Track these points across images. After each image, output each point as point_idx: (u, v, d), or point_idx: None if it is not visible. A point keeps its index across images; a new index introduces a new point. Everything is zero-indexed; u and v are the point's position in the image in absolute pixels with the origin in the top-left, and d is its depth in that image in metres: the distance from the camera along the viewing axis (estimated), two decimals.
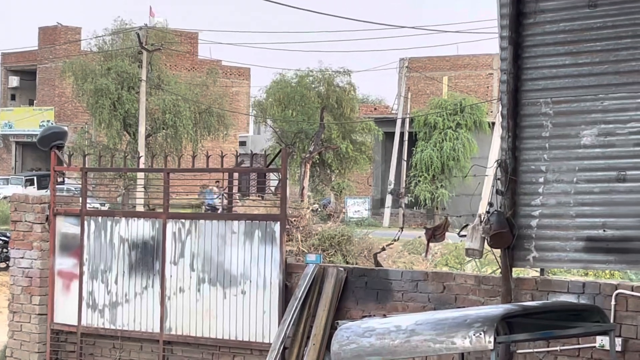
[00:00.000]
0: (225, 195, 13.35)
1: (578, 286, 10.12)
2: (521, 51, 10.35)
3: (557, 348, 10.06)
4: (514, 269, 10.47)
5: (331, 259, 21.89)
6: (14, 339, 14.13)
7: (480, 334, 7.16)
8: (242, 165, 14.76)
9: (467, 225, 10.54)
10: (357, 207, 48.97)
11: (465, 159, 47.02)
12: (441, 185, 47.31)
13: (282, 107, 46.70)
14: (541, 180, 10.20)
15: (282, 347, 11.92)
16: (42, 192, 13.91)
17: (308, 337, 11.93)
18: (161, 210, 13.36)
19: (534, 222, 10.20)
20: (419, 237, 24.27)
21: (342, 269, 12.11)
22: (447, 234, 11.78)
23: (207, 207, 30.04)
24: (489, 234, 10.21)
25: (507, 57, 10.35)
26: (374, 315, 11.04)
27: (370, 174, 53.55)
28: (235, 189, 18.60)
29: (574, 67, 10.05)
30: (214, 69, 52.63)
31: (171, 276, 13.01)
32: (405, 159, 50.70)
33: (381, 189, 52.92)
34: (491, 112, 49.60)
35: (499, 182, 10.43)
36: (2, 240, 27.00)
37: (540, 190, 10.20)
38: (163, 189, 13.32)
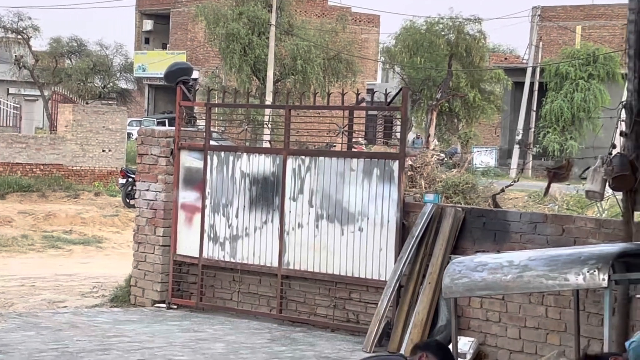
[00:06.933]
0: (345, 133, 13.33)
1: None
2: None
3: None
4: (636, 213, 10.24)
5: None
6: (138, 269, 14.48)
7: (595, 271, 6.99)
8: (363, 104, 14.76)
9: (588, 168, 10.33)
10: (483, 157, 48.49)
11: (596, 110, 46.02)
12: (571, 137, 46.42)
13: (411, 54, 46.33)
14: None
15: (397, 285, 11.97)
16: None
17: (424, 276, 11.94)
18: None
19: None
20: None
21: (460, 209, 12.05)
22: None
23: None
24: (610, 176, 9.99)
25: None
26: (487, 251, 10.96)
27: (498, 124, 52.86)
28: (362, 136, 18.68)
29: None
30: (343, 16, 52.45)
31: (290, 212, 13.14)
32: (535, 109, 49.90)
33: (509, 139, 52.23)
34: (625, 63, 48.28)
35: (623, 124, 10.18)
36: (132, 178, 27.56)
37: None
38: (284, 125, 13.42)
